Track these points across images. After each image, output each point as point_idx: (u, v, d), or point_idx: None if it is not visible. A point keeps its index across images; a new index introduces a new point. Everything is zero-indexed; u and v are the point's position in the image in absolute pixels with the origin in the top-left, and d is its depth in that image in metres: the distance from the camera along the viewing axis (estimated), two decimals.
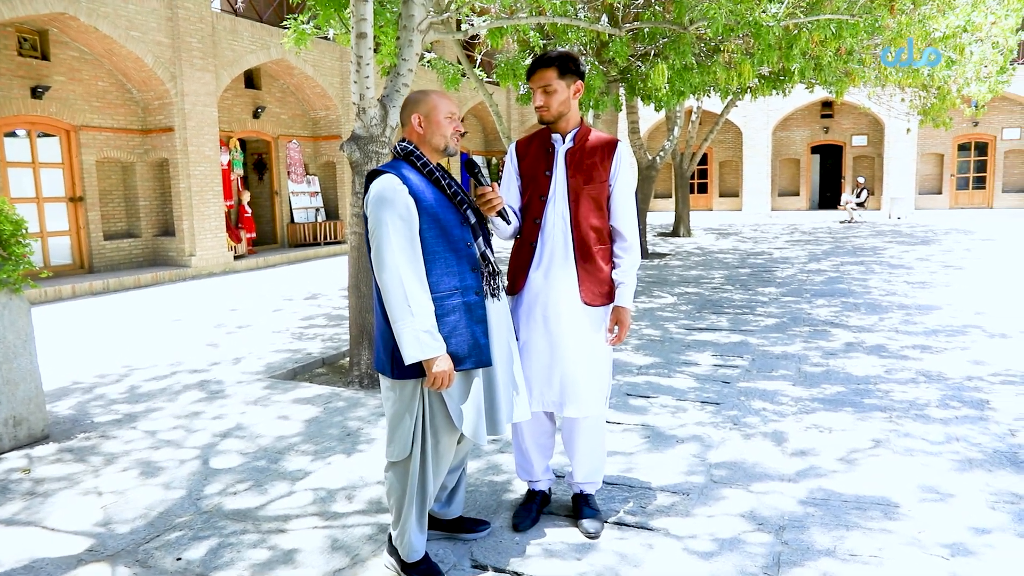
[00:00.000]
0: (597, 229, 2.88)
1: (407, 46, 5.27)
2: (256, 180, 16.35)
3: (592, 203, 2.87)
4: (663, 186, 29.30)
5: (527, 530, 2.99)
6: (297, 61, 14.84)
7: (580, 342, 2.86)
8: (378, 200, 2.43)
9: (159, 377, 5.72)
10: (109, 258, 12.38)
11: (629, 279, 2.90)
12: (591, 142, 2.90)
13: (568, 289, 2.85)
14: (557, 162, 2.90)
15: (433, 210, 2.49)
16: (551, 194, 2.89)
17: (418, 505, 2.58)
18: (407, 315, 2.37)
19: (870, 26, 7.53)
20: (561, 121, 2.88)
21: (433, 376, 2.41)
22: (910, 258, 12.30)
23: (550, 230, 2.88)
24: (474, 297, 2.55)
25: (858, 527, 2.94)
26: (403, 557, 2.62)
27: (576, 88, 2.87)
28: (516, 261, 2.97)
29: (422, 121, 2.60)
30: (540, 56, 2.88)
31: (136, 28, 11.50)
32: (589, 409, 2.89)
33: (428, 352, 2.38)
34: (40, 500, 3.46)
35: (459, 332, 2.50)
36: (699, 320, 7.42)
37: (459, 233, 2.55)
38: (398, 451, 2.54)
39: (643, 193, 13.76)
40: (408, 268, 2.40)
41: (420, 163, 2.57)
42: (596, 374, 2.90)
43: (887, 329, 6.74)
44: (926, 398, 4.64)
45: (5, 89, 10.70)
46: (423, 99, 2.62)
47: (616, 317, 2.91)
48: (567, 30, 8.12)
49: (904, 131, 17.12)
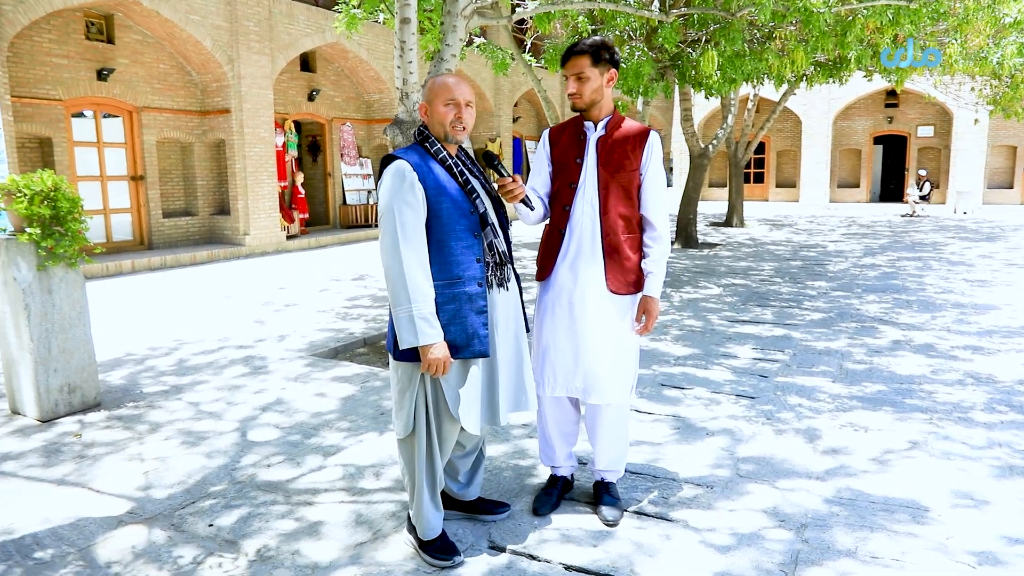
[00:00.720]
0: (626, 218, 2.88)
1: (451, 31, 5.30)
2: (310, 162, 16.67)
3: (622, 191, 2.86)
4: (718, 175, 28.79)
5: (547, 515, 3.02)
6: (351, 45, 15.02)
7: (606, 330, 2.87)
8: (387, 185, 2.47)
9: (207, 351, 5.93)
10: (167, 235, 12.82)
11: (658, 269, 2.90)
12: (623, 131, 2.89)
13: (595, 277, 2.86)
14: (588, 150, 2.90)
15: (440, 197, 2.51)
16: (581, 182, 2.89)
17: (428, 483, 2.64)
18: (405, 301, 2.42)
19: (934, 12, 7.24)
20: (594, 109, 2.89)
21: (428, 362, 2.45)
22: (972, 255, 11.83)
23: (579, 217, 2.89)
24: (476, 288, 2.56)
25: (883, 529, 2.89)
26: (420, 535, 2.68)
27: (609, 76, 2.86)
28: (545, 248, 2.99)
29: (427, 109, 2.62)
30: (574, 44, 2.88)
31: (196, 12, 11.81)
32: (613, 397, 2.90)
33: (423, 339, 2.42)
34: (89, 463, 3.65)
35: (458, 321, 2.52)
36: (743, 312, 7.30)
37: (466, 222, 2.56)
38: (401, 428, 2.61)
39: (694, 182, 13.56)
40: (411, 254, 2.43)
41: (433, 149, 2.59)
42: (621, 363, 2.91)
43: (938, 328, 6.52)
44: (972, 401, 4.49)
45: (73, 71, 11.14)
46: (429, 85, 2.64)
47: (644, 307, 2.91)
48: (616, 16, 8.03)
49: (972, 122, 16.40)
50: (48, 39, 10.79)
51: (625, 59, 8.74)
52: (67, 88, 11.04)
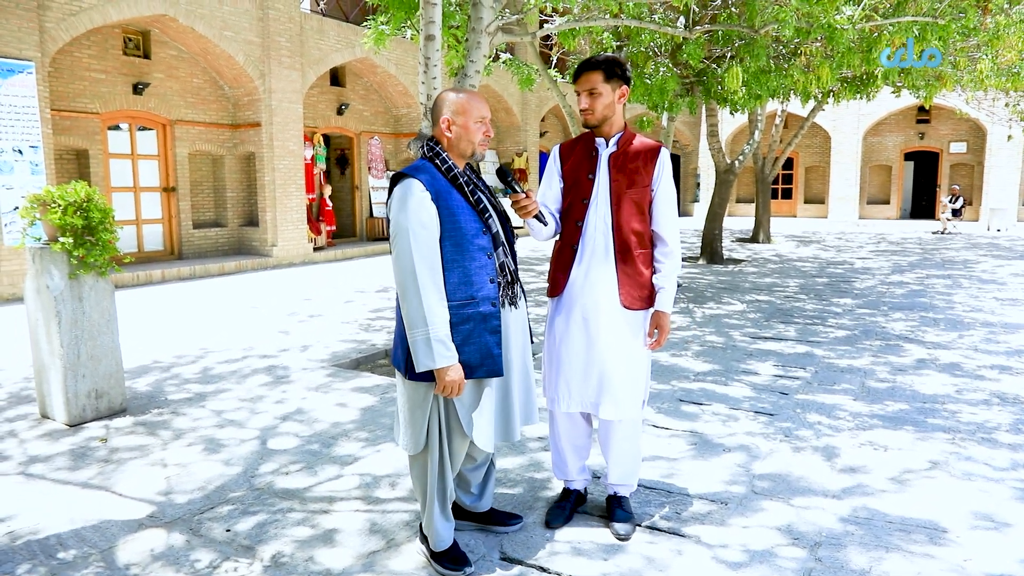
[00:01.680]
0: (638, 233, 2.89)
1: (475, 48, 5.38)
2: (338, 175, 16.90)
3: (634, 207, 2.88)
4: (745, 191, 28.60)
5: (559, 527, 3.03)
6: (380, 60, 15.25)
7: (618, 345, 2.88)
8: (400, 205, 2.45)
9: (231, 360, 6.04)
10: (197, 246, 13.07)
11: (669, 284, 2.91)
12: (635, 147, 2.92)
13: (608, 292, 2.87)
14: (600, 166, 2.92)
15: (454, 217, 2.50)
16: (593, 197, 2.91)
17: (439, 497, 2.66)
18: (422, 324, 2.41)
19: (963, 27, 7.17)
20: (605, 125, 2.91)
21: (444, 384, 2.46)
22: (1004, 273, 11.61)
23: (591, 233, 2.91)
24: (490, 308, 2.56)
25: (899, 549, 2.85)
26: (431, 546, 2.71)
27: (621, 92, 2.88)
28: (557, 263, 3.01)
29: (451, 124, 2.58)
30: (586, 60, 2.91)
31: (229, 28, 12.09)
32: (625, 412, 2.90)
33: (440, 362, 2.42)
34: (113, 467, 3.74)
35: (472, 341, 2.52)
36: (766, 329, 7.25)
37: (479, 242, 2.55)
38: (412, 445, 2.62)
39: (720, 197, 13.50)
40: (426, 276, 2.42)
41: (444, 167, 2.57)
42: (633, 377, 2.91)
43: (965, 347, 6.41)
44: (996, 421, 4.42)
45: (111, 85, 11.46)
46: (455, 101, 2.60)
47: (656, 322, 2.92)
48: (641, 32, 8.07)
49: (1006, 138, 16.13)
50: (88, 54, 11.13)
51: (650, 75, 8.77)
52: (104, 102, 11.36)
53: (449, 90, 2.68)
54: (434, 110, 2.65)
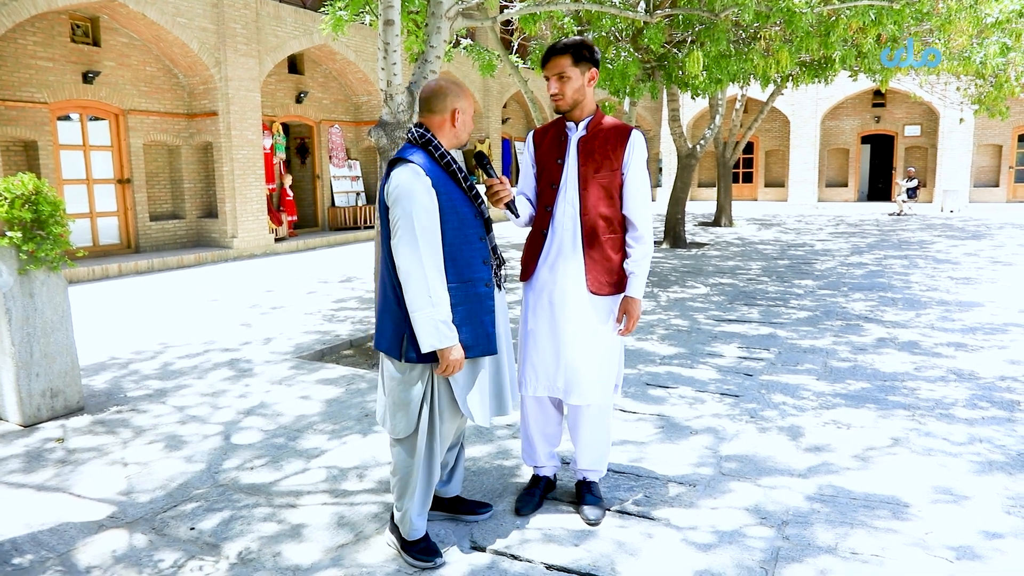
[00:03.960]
0: (607, 218, 2.86)
1: (435, 33, 5.30)
2: (298, 164, 16.62)
3: (602, 191, 2.85)
4: (707, 175, 28.89)
5: (529, 514, 3.03)
6: (339, 47, 14.99)
7: (585, 331, 2.87)
8: (403, 190, 2.46)
9: (192, 355, 5.91)
10: (155, 238, 12.75)
11: (640, 269, 2.88)
12: (604, 130, 2.89)
13: (575, 277, 2.86)
14: (569, 150, 2.90)
15: (452, 202, 2.55)
16: (562, 182, 2.89)
17: (423, 482, 2.65)
18: (428, 305, 2.44)
19: (917, 12, 7.29)
20: (576, 109, 2.88)
21: (447, 364, 2.49)
22: (958, 253, 11.92)
23: (560, 218, 2.89)
24: (484, 288, 2.63)
25: (863, 525, 2.91)
26: (404, 535, 2.68)
27: (591, 76, 2.85)
28: (528, 249, 3.00)
29: (458, 115, 2.63)
30: (554, 44, 2.88)
31: (182, 15, 11.76)
32: (593, 397, 2.90)
33: (446, 341, 2.47)
34: (70, 468, 3.63)
35: (470, 321, 2.58)
36: (730, 311, 7.33)
37: (474, 226, 2.61)
38: (403, 428, 2.61)
39: (682, 182, 13.60)
40: (430, 258, 2.46)
41: (438, 153, 2.59)
42: (602, 363, 2.90)
43: (923, 325, 6.57)
44: (954, 397, 4.53)
45: (59, 74, 11.07)
46: (462, 93, 2.65)
47: (624, 307, 2.90)
48: (602, 17, 8.05)
49: (958, 121, 16.51)
50: (33, 41, 10.73)
51: (611, 60, 8.76)
52: (52, 91, 10.98)
53: (445, 80, 2.68)
54: (433, 99, 2.62)
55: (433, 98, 2.62)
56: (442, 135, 2.63)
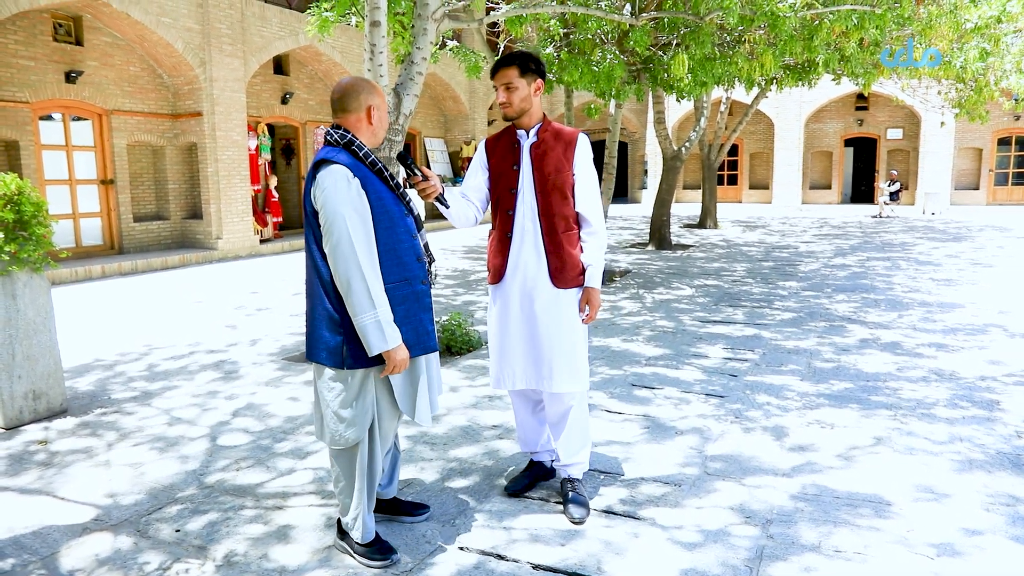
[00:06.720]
0: (564, 217, 3.04)
1: (421, 34, 5.31)
2: (284, 165, 16.55)
3: (558, 192, 3.02)
4: (691, 177, 29.04)
5: (516, 493, 3.20)
6: (324, 48, 14.95)
7: (555, 323, 3.03)
8: (331, 193, 2.42)
9: (177, 357, 5.87)
10: (138, 240, 12.65)
11: (596, 260, 3.06)
12: (553, 136, 3.06)
13: (540, 274, 3.02)
14: (523, 156, 3.05)
15: (381, 202, 2.53)
16: (520, 186, 3.05)
17: (368, 486, 2.66)
18: (370, 307, 2.42)
19: (899, 16, 7.38)
20: (524, 117, 3.04)
21: (394, 364, 2.48)
22: (939, 255, 12.06)
23: (520, 220, 3.05)
24: (421, 286, 2.64)
25: (847, 524, 2.94)
26: (358, 539, 2.68)
27: (536, 86, 3.03)
28: (494, 251, 3.14)
29: (373, 112, 2.60)
30: (502, 56, 3.04)
31: (167, 14, 11.68)
32: (570, 385, 3.03)
33: (392, 342, 2.46)
34: (54, 471, 3.60)
35: (409, 320, 2.58)
36: (715, 313, 7.38)
37: (404, 224, 2.61)
38: (353, 436, 2.57)
39: (668, 184, 13.66)
40: (367, 261, 2.43)
41: (362, 153, 2.56)
42: (573, 351, 3.05)
43: (905, 326, 6.64)
44: (935, 397, 4.59)
45: (41, 74, 10.96)
46: (375, 89, 2.62)
47: (586, 297, 3.07)
48: (587, 19, 8.08)
49: (939, 124, 16.72)
50: (14, 40, 10.61)
51: (597, 62, 8.79)
52: (34, 90, 10.86)
53: (357, 78, 2.64)
54: (346, 98, 2.58)
55: (346, 97, 2.58)
56: (361, 133, 2.60)
